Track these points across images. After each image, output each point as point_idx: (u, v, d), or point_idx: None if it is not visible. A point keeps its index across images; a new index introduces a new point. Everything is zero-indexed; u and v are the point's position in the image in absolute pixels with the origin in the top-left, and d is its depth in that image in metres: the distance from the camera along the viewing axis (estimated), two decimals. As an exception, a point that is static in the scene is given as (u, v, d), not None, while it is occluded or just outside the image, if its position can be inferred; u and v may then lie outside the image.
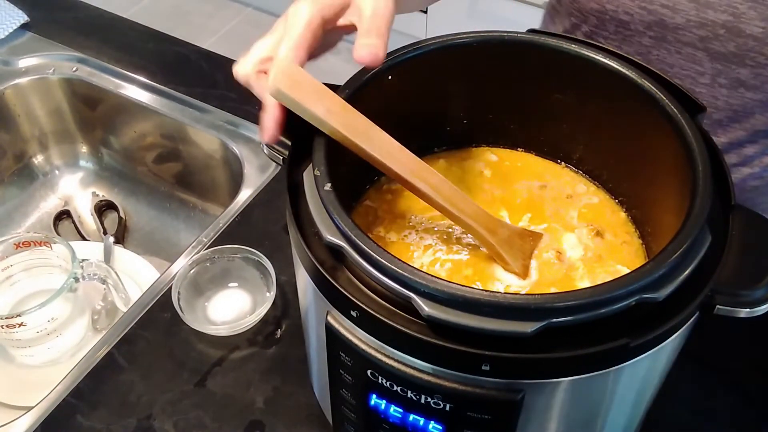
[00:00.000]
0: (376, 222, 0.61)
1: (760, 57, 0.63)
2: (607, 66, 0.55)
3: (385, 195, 0.63)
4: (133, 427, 0.68)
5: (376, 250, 0.44)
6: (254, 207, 0.86)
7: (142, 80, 1.01)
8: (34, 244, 0.80)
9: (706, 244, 0.46)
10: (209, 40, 2.36)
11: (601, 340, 0.43)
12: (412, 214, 0.61)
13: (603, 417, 0.52)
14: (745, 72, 0.65)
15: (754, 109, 0.68)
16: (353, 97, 0.54)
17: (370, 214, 0.62)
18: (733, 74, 0.65)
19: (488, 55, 0.59)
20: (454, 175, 0.64)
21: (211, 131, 0.95)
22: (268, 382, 0.71)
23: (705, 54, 0.65)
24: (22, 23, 1.07)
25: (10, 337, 0.77)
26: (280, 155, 0.56)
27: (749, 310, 0.46)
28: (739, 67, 0.64)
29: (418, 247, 0.58)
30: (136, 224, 1.04)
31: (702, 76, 0.67)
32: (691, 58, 0.66)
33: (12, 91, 1.02)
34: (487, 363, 0.44)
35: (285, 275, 0.77)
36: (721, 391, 0.70)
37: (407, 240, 0.59)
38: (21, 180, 1.07)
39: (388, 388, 0.48)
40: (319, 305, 0.50)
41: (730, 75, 0.66)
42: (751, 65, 0.64)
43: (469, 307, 0.42)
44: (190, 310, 0.75)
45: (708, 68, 0.66)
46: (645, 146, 0.57)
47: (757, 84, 0.65)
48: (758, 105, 0.67)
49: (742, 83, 0.66)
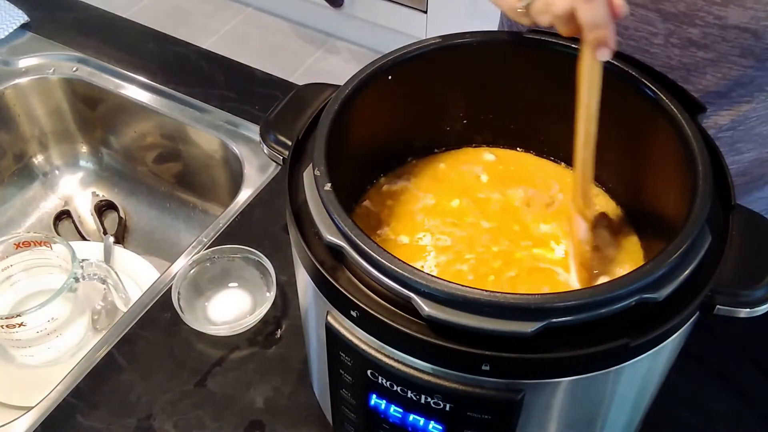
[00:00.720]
0: (380, 224, 0.61)
1: (708, 16, 0.64)
2: (607, 66, 0.55)
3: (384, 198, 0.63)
4: (133, 427, 0.68)
5: (376, 250, 0.44)
6: (254, 207, 0.86)
7: (142, 80, 1.01)
8: (34, 244, 0.80)
9: (706, 244, 0.46)
10: (209, 40, 2.36)
11: (601, 340, 0.43)
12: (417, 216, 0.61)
13: (603, 417, 0.52)
14: (696, 31, 0.66)
15: (706, 68, 0.69)
16: (353, 97, 0.54)
17: (371, 217, 0.62)
18: (684, 34, 0.67)
19: (488, 55, 0.59)
20: (454, 175, 0.64)
21: (211, 131, 0.95)
22: (268, 382, 0.71)
23: (657, 14, 0.66)
24: (22, 23, 1.07)
25: (10, 337, 0.77)
26: (280, 155, 0.56)
27: (749, 310, 0.46)
28: (689, 26, 0.66)
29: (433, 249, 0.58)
30: (136, 224, 1.04)
31: (655, 37, 0.68)
32: (644, 19, 0.67)
33: (12, 91, 1.02)
34: (487, 363, 0.44)
35: (285, 275, 0.77)
36: (721, 391, 0.70)
37: (421, 242, 0.59)
38: (21, 180, 1.07)
39: (388, 388, 0.48)
40: (319, 305, 0.50)
41: (681, 35, 0.67)
42: (701, 24, 0.65)
43: (469, 307, 0.42)
44: (190, 310, 0.75)
45: (661, 29, 0.67)
46: (645, 146, 0.57)
47: (707, 43, 0.66)
48: (709, 64, 0.68)
49: (693, 43, 0.67)
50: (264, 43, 2.36)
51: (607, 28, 0.48)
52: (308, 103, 0.58)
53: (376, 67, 0.56)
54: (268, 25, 2.43)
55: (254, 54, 2.30)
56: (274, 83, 1.00)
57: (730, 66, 0.68)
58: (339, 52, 2.33)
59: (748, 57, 0.67)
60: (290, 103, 0.59)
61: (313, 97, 0.58)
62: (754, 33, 0.64)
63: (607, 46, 0.48)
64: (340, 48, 2.34)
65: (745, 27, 0.64)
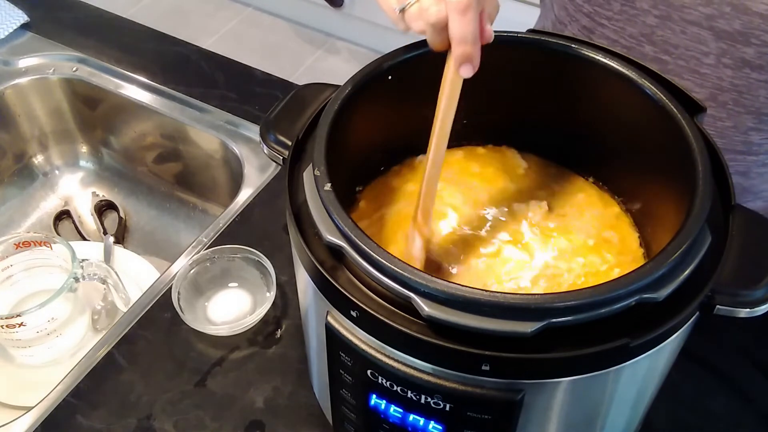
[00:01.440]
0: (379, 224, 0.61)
1: (765, 35, 0.62)
2: (607, 66, 0.55)
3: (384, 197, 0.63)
4: (133, 427, 0.68)
5: (376, 250, 0.44)
6: (254, 207, 0.86)
7: (142, 80, 1.01)
8: (34, 244, 0.80)
9: (706, 244, 0.46)
10: (209, 40, 2.36)
11: (601, 340, 0.44)
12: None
13: (603, 417, 0.52)
14: (751, 51, 0.64)
15: (759, 90, 0.67)
16: (353, 97, 0.54)
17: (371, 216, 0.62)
18: (738, 54, 0.65)
19: (488, 55, 0.59)
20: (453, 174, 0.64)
21: (211, 131, 0.95)
22: (268, 382, 0.71)
23: (710, 33, 0.65)
24: (22, 23, 1.07)
25: (10, 337, 0.77)
26: (280, 155, 0.56)
27: (749, 310, 0.46)
28: (744, 46, 0.64)
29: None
30: (136, 224, 1.04)
31: (707, 57, 0.67)
32: (695, 37, 0.66)
33: (12, 91, 1.02)
34: (487, 363, 0.44)
35: (285, 275, 0.77)
36: (721, 391, 0.70)
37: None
38: (21, 180, 1.07)
39: (388, 388, 0.48)
40: (319, 305, 0.50)
41: (735, 55, 0.65)
42: (757, 44, 0.63)
43: (469, 307, 0.42)
44: (190, 310, 0.75)
45: (713, 48, 0.65)
46: (645, 146, 0.57)
47: (763, 64, 0.65)
48: (763, 86, 0.67)
49: (747, 63, 0.65)
50: (264, 43, 2.36)
51: (474, 46, 0.48)
52: (308, 103, 0.58)
53: (376, 67, 0.56)
54: (268, 25, 2.43)
55: (254, 54, 2.30)
56: (274, 83, 1.00)
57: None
58: (339, 52, 2.33)
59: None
60: (290, 103, 0.59)
61: (313, 97, 0.58)
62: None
63: (471, 63, 0.48)
64: (340, 48, 2.34)
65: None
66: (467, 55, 0.48)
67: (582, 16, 0.73)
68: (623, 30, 0.69)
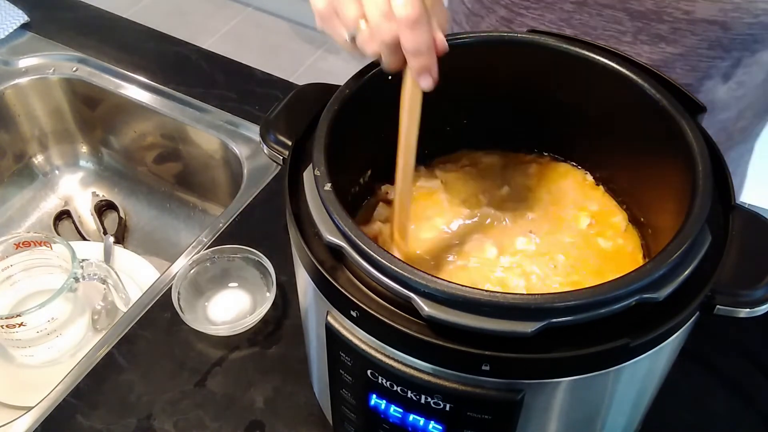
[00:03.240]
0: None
1: (677, 12, 0.65)
2: (607, 66, 0.55)
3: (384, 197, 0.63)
4: (133, 427, 0.68)
5: (376, 250, 0.44)
6: (254, 207, 0.86)
7: (142, 80, 1.01)
8: (34, 244, 0.80)
9: (706, 244, 0.46)
10: (209, 40, 2.36)
11: (601, 340, 0.43)
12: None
13: (603, 417, 0.52)
14: (665, 27, 0.67)
15: (675, 63, 0.70)
16: (353, 97, 0.54)
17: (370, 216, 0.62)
18: (653, 30, 0.68)
19: (488, 55, 0.59)
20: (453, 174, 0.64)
21: (211, 131, 0.95)
22: (268, 382, 0.71)
23: (625, 14, 0.67)
24: (22, 23, 1.07)
25: (10, 337, 0.77)
26: (280, 155, 0.56)
27: (749, 310, 0.46)
28: (658, 23, 0.67)
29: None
30: (136, 224, 1.04)
31: (624, 35, 0.69)
32: (612, 18, 0.68)
33: (12, 91, 1.02)
34: (487, 363, 0.44)
35: (285, 275, 0.77)
36: (721, 391, 0.70)
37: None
38: (21, 180, 1.07)
39: (388, 388, 0.48)
40: (319, 305, 0.50)
41: (650, 31, 0.68)
42: (669, 20, 0.66)
43: (469, 307, 0.42)
44: (190, 310, 0.75)
45: (629, 27, 0.68)
46: (645, 146, 0.57)
47: (676, 38, 0.68)
48: (678, 59, 0.69)
49: (662, 38, 0.68)
50: (264, 43, 2.36)
51: (430, 56, 0.48)
52: (308, 103, 0.58)
53: (376, 67, 0.56)
54: (268, 25, 2.44)
55: (254, 54, 2.30)
56: (274, 83, 1.00)
57: (699, 59, 0.69)
58: (339, 52, 2.33)
59: (716, 49, 0.68)
60: (290, 103, 0.59)
61: (313, 97, 0.58)
62: (722, 25, 0.65)
63: (430, 74, 0.48)
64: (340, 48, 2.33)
65: (713, 20, 0.65)
66: (425, 66, 0.48)
67: (500, 7, 0.74)
68: (543, 17, 0.72)
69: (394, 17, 0.46)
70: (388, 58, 0.49)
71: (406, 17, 0.46)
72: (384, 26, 0.47)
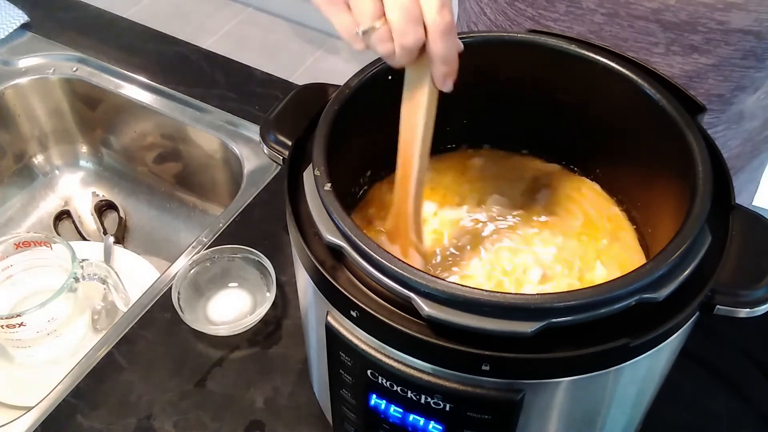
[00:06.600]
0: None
1: (711, 22, 0.64)
2: (607, 66, 0.55)
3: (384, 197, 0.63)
4: (133, 427, 0.68)
5: (376, 250, 0.44)
6: (254, 207, 0.86)
7: (142, 80, 1.01)
8: (34, 244, 0.80)
9: (706, 244, 0.46)
10: (209, 40, 2.36)
11: (601, 340, 0.44)
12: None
13: (603, 417, 0.52)
14: (698, 38, 0.66)
15: (708, 74, 0.69)
16: (353, 97, 0.54)
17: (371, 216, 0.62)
18: (686, 41, 0.67)
19: (489, 55, 0.59)
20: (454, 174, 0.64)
21: (211, 131, 0.95)
22: (268, 382, 0.71)
23: (658, 25, 0.66)
24: (22, 23, 1.07)
25: (10, 337, 0.77)
26: (280, 155, 0.56)
27: (749, 310, 0.46)
28: (691, 34, 0.66)
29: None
30: (136, 224, 1.04)
31: (656, 47, 0.68)
32: (644, 30, 0.67)
33: (12, 91, 1.02)
34: (487, 363, 0.44)
35: (285, 275, 0.77)
36: (721, 391, 0.70)
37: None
38: (21, 180, 1.07)
39: (388, 388, 0.48)
40: (319, 305, 0.50)
41: (683, 42, 0.67)
42: (703, 31, 0.65)
43: (469, 307, 0.42)
44: (190, 310, 0.75)
45: (661, 38, 0.68)
46: (645, 146, 0.57)
47: (710, 48, 0.67)
48: (711, 69, 0.69)
49: (695, 49, 0.67)
50: (264, 43, 2.36)
51: (456, 62, 0.48)
52: (308, 103, 0.58)
53: (376, 67, 0.56)
54: (268, 25, 2.44)
55: (254, 54, 2.30)
56: (274, 83, 1.01)
57: (732, 69, 0.68)
58: (339, 52, 2.33)
59: (749, 58, 0.67)
60: (290, 103, 0.59)
61: (313, 97, 0.58)
62: (756, 34, 0.64)
63: (453, 78, 0.48)
64: (340, 48, 2.34)
65: (748, 29, 0.64)
66: (452, 71, 0.48)
67: (525, 20, 0.73)
68: (571, 29, 0.71)
69: (423, 22, 0.45)
70: (402, 59, 0.47)
71: (442, 24, 0.45)
72: (410, 30, 0.45)
